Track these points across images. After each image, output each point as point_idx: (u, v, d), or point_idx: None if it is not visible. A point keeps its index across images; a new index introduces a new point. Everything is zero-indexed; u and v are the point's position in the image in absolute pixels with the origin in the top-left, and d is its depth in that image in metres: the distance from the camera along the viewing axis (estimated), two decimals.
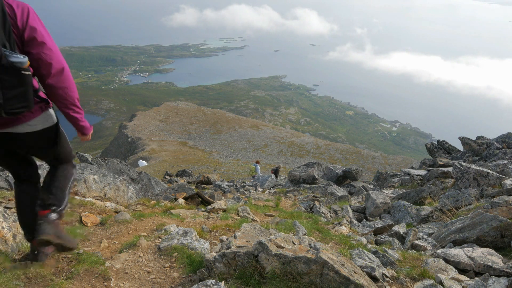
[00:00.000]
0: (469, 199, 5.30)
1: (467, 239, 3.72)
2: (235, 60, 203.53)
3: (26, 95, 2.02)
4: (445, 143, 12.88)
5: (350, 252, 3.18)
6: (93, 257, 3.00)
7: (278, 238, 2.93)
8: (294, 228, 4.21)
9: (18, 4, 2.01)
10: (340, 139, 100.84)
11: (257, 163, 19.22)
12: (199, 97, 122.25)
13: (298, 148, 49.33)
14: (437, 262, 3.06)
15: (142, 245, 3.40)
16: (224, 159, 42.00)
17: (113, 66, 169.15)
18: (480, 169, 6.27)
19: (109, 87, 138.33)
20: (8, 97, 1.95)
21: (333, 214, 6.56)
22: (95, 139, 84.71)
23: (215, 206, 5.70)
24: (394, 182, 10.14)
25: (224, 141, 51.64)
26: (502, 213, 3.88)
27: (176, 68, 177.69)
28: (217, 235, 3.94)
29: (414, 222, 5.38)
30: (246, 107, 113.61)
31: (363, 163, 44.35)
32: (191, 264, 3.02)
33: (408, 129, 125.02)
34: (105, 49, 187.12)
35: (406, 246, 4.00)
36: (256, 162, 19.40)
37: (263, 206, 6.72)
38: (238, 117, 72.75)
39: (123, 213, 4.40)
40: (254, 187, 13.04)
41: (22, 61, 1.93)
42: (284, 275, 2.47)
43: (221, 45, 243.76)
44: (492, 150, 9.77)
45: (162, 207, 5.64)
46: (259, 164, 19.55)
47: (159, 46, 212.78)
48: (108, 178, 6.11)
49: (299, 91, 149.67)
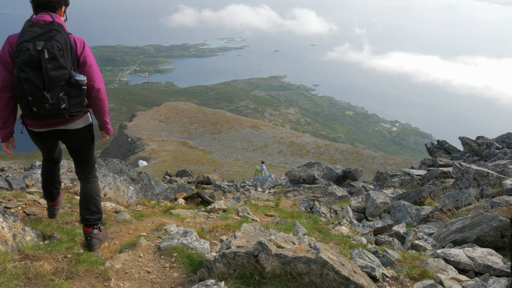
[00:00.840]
0: (469, 199, 5.30)
1: (467, 239, 3.72)
2: (235, 60, 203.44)
3: (82, 102, 2.91)
4: (445, 143, 12.88)
5: (350, 252, 3.18)
6: (93, 257, 3.00)
7: (278, 238, 2.93)
8: (294, 228, 4.21)
9: (77, 38, 2.90)
10: (340, 139, 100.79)
11: (262, 163, 18.88)
12: (199, 97, 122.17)
13: (298, 148, 49.33)
14: (437, 262, 3.06)
15: (142, 245, 3.40)
16: (224, 159, 42.00)
17: (113, 66, 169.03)
18: (480, 169, 6.27)
19: (109, 87, 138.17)
20: (71, 104, 2.81)
21: (333, 214, 6.56)
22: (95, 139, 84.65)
23: (215, 206, 5.70)
24: (394, 182, 10.14)
25: (224, 141, 51.63)
26: (502, 213, 3.88)
27: (176, 68, 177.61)
28: (217, 235, 3.94)
29: (414, 222, 5.37)
30: (246, 107, 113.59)
31: (363, 163, 44.35)
32: (191, 264, 3.02)
33: (408, 129, 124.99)
34: (105, 49, 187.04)
35: (406, 246, 4.00)
36: (261, 162, 18.96)
37: (263, 206, 6.72)
38: (238, 117, 72.74)
39: (123, 213, 4.40)
40: (254, 187, 13.05)
41: (83, 80, 2.80)
42: (284, 275, 2.47)
43: (221, 45, 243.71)
44: (492, 150, 9.77)
45: (162, 207, 5.64)
46: (265, 164, 19.22)
47: (159, 46, 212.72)
48: (108, 178, 6.11)
49: (299, 91, 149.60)
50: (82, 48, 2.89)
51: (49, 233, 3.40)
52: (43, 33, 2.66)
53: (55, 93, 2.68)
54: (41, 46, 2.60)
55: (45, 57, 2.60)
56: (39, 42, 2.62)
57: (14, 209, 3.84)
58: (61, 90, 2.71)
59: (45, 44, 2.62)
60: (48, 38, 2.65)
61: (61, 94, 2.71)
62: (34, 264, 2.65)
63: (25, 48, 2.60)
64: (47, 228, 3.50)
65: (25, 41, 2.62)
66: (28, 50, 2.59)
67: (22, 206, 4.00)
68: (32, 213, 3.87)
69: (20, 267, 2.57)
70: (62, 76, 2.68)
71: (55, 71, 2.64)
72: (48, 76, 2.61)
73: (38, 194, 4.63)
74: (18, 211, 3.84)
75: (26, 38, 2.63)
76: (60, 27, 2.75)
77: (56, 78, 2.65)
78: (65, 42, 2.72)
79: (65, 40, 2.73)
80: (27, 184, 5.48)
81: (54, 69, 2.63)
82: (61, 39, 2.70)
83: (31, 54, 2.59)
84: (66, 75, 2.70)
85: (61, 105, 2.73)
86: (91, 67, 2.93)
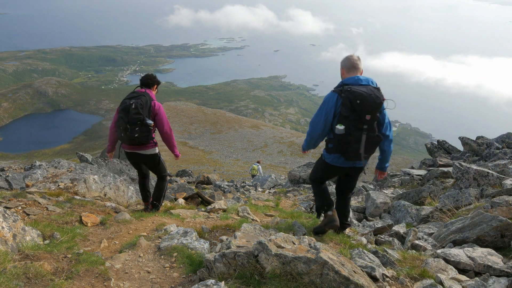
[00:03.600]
0: (469, 199, 5.29)
1: (467, 239, 3.72)
2: (235, 60, 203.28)
3: (148, 136, 4.60)
4: (445, 143, 12.87)
5: (350, 252, 3.17)
6: (93, 257, 3.00)
7: (278, 238, 2.93)
8: (294, 228, 4.21)
9: (156, 103, 4.70)
10: None
11: (258, 162, 19.28)
12: (199, 97, 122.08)
13: (298, 148, 49.26)
14: (437, 262, 3.06)
15: (142, 245, 3.40)
16: (224, 159, 41.98)
17: (113, 66, 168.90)
18: (480, 169, 6.27)
19: (109, 87, 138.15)
20: (141, 136, 4.51)
21: None
22: (95, 139, 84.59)
23: (215, 206, 5.70)
24: (394, 182, 10.14)
25: (224, 141, 51.60)
26: (502, 213, 3.87)
27: (176, 68, 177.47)
28: (217, 235, 3.94)
29: (414, 222, 5.37)
30: (246, 107, 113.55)
31: None
32: (191, 264, 3.02)
33: (408, 129, 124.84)
34: (105, 49, 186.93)
35: (406, 246, 4.00)
36: (257, 162, 19.46)
37: (263, 206, 6.72)
38: (238, 117, 72.71)
39: (123, 213, 4.40)
40: (254, 187, 13.04)
41: (150, 123, 4.55)
42: (284, 275, 2.46)
43: (221, 45, 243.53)
44: (492, 150, 9.77)
45: (162, 207, 5.63)
46: (260, 164, 19.59)
47: (159, 46, 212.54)
48: (108, 178, 6.11)
49: (299, 91, 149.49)
50: (158, 108, 4.70)
51: (49, 233, 3.40)
52: (136, 96, 4.61)
53: (133, 127, 4.48)
54: (132, 102, 4.51)
55: (131, 107, 4.47)
56: (132, 99, 4.55)
57: (14, 209, 3.84)
58: (137, 126, 4.48)
59: (134, 101, 4.51)
60: (137, 98, 4.56)
61: (136, 128, 4.48)
62: (34, 264, 2.65)
63: (125, 102, 4.56)
64: (47, 228, 3.50)
65: (126, 98, 4.64)
66: (125, 103, 4.55)
67: (22, 206, 4.00)
68: (32, 213, 3.87)
69: (20, 267, 2.57)
70: (138, 118, 4.47)
71: (135, 115, 4.46)
72: (131, 118, 4.46)
73: (38, 194, 4.63)
74: (18, 211, 3.84)
75: (126, 97, 4.66)
76: (146, 95, 4.67)
77: (135, 119, 4.46)
78: (145, 102, 4.57)
79: (146, 101, 4.58)
80: (27, 184, 5.48)
81: (135, 114, 4.46)
82: (144, 100, 4.56)
83: (126, 105, 4.51)
84: (140, 118, 4.47)
85: (134, 134, 4.49)
86: (162, 119, 4.74)
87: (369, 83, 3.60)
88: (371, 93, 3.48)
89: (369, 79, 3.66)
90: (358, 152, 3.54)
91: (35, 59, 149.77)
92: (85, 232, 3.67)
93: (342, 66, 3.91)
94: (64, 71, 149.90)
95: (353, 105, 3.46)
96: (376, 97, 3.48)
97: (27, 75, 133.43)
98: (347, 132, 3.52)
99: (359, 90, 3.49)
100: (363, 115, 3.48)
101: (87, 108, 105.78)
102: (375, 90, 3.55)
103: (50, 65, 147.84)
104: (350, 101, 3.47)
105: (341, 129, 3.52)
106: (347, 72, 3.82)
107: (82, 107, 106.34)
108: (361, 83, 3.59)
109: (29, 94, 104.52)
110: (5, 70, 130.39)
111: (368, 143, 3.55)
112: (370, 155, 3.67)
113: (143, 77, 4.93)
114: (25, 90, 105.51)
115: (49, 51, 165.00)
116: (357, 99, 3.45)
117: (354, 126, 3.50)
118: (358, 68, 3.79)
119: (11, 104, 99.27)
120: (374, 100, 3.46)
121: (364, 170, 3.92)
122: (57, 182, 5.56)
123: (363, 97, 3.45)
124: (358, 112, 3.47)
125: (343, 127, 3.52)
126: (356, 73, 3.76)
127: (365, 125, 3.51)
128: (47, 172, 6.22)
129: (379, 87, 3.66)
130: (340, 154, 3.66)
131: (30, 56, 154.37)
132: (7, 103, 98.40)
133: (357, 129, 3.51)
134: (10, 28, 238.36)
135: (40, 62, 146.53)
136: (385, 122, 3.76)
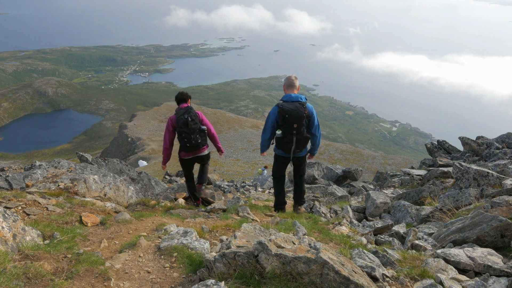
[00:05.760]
0: (469, 199, 5.29)
1: (467, 239, 3.72)
2: (235, 60, 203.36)
3: (206, 139, 5.87)
4: (445, 143, 12.86)
5: (350, 252, 3.17)
6: (93, 257, 2.99)
7: (278, 238, 2.93)
8: (294, 228, 4.21)
9: (198, 112, 5.78)
10: (340, 139, 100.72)
11: (265, 168, 18.77)
12: (199, 97, 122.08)
13: None
14: (437, 262, 3.06)
15: (142, 245, 3.40)
16: (224, 159, 41.95)
17: (113, 66, 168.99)
18: (480, 169, 6.27)
19: (109, 87, 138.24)
20: (201, 140, 5.74)
21: (333, 214, 6.55)
22: (95, 139, 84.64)
23: (215, 206, 5.70)
24: (394, 182, 10.13)
25: (224, 141, 51.57)
26: (502, 213, 3.87)
27: (176, 68, 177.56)
28: (217, 235, 3.94)
29: (414, 222, 5.37)
30: (246, 107, 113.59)
31: (363, 163, 44.32)
32: (191, 264, 3.02)
33: (408, 129, 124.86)
34: (105, 49, 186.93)
35: (406, 246, 4.00)
36: (264, 167, 18.95)
37: (263, 206, 6.71)
38: (238, 117, 72.72)
39: (123, 213, 4.40)
40: (254, 187, 13.04)
41: (205, 128, 5.80)
42: (284, 275, 2.46)
43: (221, 45, 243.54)
44: (492, 150, 9.76)
45: (162, 207, 5.64)
46: (267, 169, 18.84)
47: (159, 46, 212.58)
48: (108, 178, 6.11)
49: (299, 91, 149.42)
50: (202, 116, 5.80)
51: (49, 233, 3.40)
52: (186, 111, 5.61)
53: (195, 135, 5.61)
54: (187, 116, 5.56)
55: (189, 120, 5.53)
56: (186, 114, 5.57)
57: (14, 209, 3.84)
58: (197, 134, 5.63)
59: (188, 115, 5.56)
60: (188, 112, 5.60)
61: (197, 135, 5.63)
62: (34, 264, 2.65)
63: (182, 118, 5.56)
64: (47, 228, 3.50)
65: (181, 114, 5.58)
66: (182, 119, 5.54)
67: (22, 206, 4.00)
68: (32, 213, 3.87)
69: (20, 267, 2.57)
70: (196, 127, 5.61)
71: (193, 125, 5.57)
72: (191, 128, 5.56)
73: (38, 194, 4.63)
74: (18, 211, 3.84)
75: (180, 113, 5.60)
76: (191, 108, 5.73)
77: (195, 129, 5.59)
78: (195, 114, 5.65)
79: (195, 113, 5.66)
80: (27, 184, 5.47)
81: (193, 125, 5.56)
82: (193, 113, 5.64)
83: (184, 119, 5.53)
84: (198, 126, 5.63)
85: (198, 140, 5.64)
86: (208, 124, 5.88)
87: (298, 99, 5.01)
88: (296, 109, 4.91)
89: (299, 96, 5.04)
90: (292, 148, 5.13)
91: (35, 59, 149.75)
92: (85, 232, 3.67)
93: (284, 84, 5.39)
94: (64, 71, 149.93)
95: (284, 118, 4.94)
96: (300, 112, 4.91)
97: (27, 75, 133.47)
98: (284, 135, 5.06)
99: (288, 107, 4.93)
100: (292, 124, 4.96)
101: (87, 108, 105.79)
102: (299, 106, 4.94)
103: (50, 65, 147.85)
104: (282, 115, 4.95)
105: (279, 134, 5.09)
106: (286, 89, 5.32)
107: (82, 107, 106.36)
108: (292, 100, 5.02)
109: (29, 94, 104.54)
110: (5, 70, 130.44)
111: (298, 142, 5.10)
112: (302, 149, 5.26)
113: (178, 95, 5.89)
114: (25, 90, 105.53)
115: (49, 51, 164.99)
116: (286, 114, 4.92)
117: (287, 131, 5.02)
118: (294, 86, 5.27)
119: (11, 104, 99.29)
120: (297, 114, 4.91)
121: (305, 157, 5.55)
122: (57, 182, 5.56)
123: (290, 112, 4.91)
124: (288, 122, 4.94)
125: (281, 132, 5.07)
126: (293, 90, 5.23)
127: (294, 130, 5.00)
128: (47, 172, 6.21)
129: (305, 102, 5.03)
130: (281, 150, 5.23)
131: (30, 56, 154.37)
132: (7, 103, 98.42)
133: (289, 133, 5.03)
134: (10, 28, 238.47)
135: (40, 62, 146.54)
136: (314, 125, 5.23)
